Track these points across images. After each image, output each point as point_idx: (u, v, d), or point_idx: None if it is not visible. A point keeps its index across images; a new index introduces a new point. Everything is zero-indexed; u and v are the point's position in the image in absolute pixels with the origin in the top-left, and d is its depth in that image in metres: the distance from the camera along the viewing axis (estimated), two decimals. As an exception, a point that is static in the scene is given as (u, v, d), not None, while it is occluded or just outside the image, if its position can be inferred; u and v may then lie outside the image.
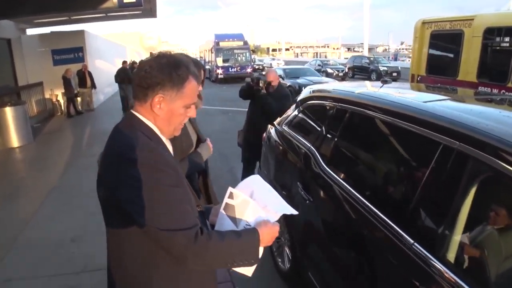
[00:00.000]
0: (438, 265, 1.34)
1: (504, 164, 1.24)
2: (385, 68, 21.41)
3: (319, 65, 25.29)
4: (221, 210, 1.23)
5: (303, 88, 8.58)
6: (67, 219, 4.11)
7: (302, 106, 3.10)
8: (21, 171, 6.41)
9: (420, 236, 1.47)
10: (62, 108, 11.58)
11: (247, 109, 4.41)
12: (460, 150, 1.42)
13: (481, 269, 1.34)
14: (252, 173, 4.55)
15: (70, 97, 11.07)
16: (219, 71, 22.46)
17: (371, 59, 23.66)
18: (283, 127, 3.22)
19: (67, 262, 3.24)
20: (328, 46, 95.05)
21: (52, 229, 3.90)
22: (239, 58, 23.45)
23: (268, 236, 1.15)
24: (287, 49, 75.57)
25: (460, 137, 1.44)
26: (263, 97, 3.95)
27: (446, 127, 1.53)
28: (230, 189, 1.23)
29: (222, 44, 23.32)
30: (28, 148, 7.65)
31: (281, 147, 3.17)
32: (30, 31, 12.30)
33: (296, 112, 3.16)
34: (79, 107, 11.80)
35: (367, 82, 4.11)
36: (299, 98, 3.27)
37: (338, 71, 23.20)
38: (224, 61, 22.72)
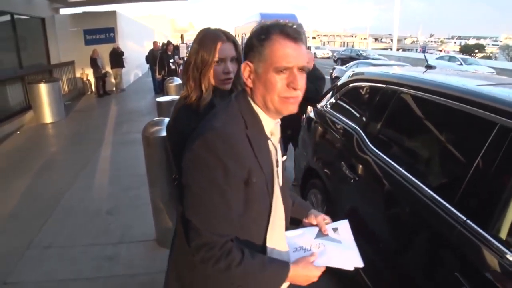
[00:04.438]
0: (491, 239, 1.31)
1: None
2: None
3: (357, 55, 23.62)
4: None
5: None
6: (102, 192, 4.17)
7: (345, 88, 3.03)
8: (55, 145, 6.55)
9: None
10: (92, 87, 11.77)
11: None
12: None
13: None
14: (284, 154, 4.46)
15: (98, 77, 11.22)
16: None
17: None
18: (326, 108, 3.14)
19: (103, 233, 3.28)
20: (355, 36, 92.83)
21: (88, 200, 3.97)
22: None
23: (301, 278, 1.06)
24: (313, 38, 73.92)
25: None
26: None
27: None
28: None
29: None
30: (60, 125, 7.82)
31: (323, 128, 3.10)
32: (64, 11, 12.43)
33: (339, 94, 3.09)
34: (112, 88, 11.88)
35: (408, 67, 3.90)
36: (341, 81, 3.19)
37: None
38: None
